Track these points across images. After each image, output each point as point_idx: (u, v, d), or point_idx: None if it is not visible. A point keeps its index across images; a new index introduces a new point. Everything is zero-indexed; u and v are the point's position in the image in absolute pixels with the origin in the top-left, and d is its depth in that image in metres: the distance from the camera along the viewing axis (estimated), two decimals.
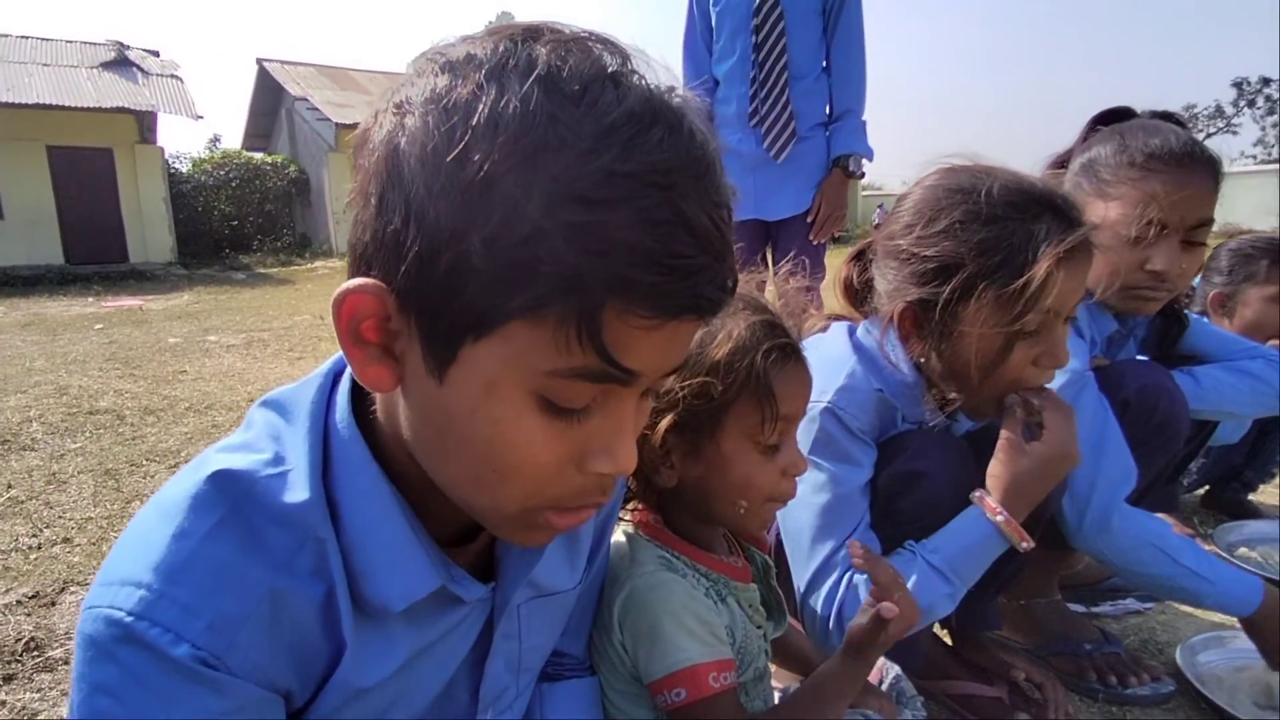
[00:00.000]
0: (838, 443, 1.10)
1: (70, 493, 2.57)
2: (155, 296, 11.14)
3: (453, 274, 0.48)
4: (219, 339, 6.36)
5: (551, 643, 0.87)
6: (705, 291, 0.50)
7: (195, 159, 21.25)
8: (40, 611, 1.76)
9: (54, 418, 3.59)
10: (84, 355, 5.57)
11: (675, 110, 0.50)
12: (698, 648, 0.87)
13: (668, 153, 0.47)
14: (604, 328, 0.48)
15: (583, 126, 0.46)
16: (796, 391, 0.91)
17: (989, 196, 1.03)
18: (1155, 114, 1.44)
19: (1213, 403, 1.51)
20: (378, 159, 0.51)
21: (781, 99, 2.47)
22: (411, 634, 0.67)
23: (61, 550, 2.10)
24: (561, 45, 0.49)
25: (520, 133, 0.46)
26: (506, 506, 0.58)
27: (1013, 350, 1.04)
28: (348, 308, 0.52)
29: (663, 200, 0.47)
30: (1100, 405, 1.28)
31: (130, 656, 0.54)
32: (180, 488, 0.59)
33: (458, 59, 0.50)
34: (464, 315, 0.49)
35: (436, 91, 0.49)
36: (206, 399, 3.97)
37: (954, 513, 1.10)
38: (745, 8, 2.44)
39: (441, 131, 0.47)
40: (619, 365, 0.50)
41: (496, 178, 0.46)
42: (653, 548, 0.95)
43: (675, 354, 0.55)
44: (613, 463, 0.56)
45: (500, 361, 0.50)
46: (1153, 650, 1.51)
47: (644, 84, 0.50)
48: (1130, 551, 1.24)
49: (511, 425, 0.53)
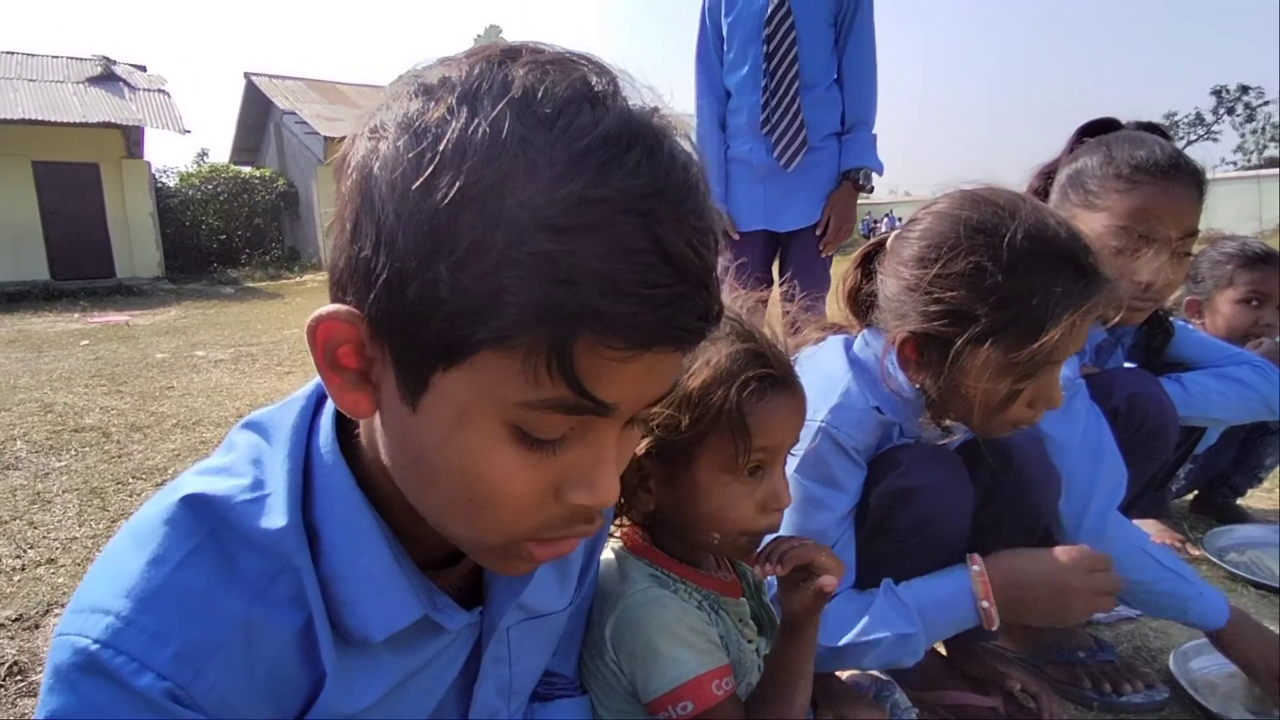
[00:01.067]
0: (826, 464, 1.09)
1: (55, 512, 2.53)
2: (142, 312, 11.06)
3: (421, 303, 0.47)
4: (207, 354, 6.32)
5: (543, 665, 0.86)
6: (682, 322, 0.48)
7: (183, 173, 21.18)
8: (24, 635, 1.73)
9: (38, 435, 3.55)
10: (69, 372, 5.52)
11: (656, 132, 0.48)
12: (697, 658, 0.87)
13: (644, 177, 0.46)
14: (576, 359, 0.46)
15: (555, 151, 0.45)
16: (778, 423, 0.88)
17: (1011, 244, 0.98)
18: (1140, 125, 1.45)
19: (1201, 409, 1.52)
20: (352, 184, 0.50)
21: (793, 108, 2.48)
22: (397, 660, 0.66)
23: (46, 571, 2.07)
24: (539, 67, 0.48)
25: (489, 158, 0.45)
26: (487, 538, 0.57)
27: (1015, 399, 1.03)
28: (321, 334, 0.52)
29: (637, 227, 0.45)
30: (1094, 411, 1.29)
31: (91, 687, 0.53)
32: (155, 512, 0.58)
33: (433, 82, 0.49)
34: (434, 344, 0.48)
35: (409, 115, 0.48)
36: (194, 415, 3.94)
37: (947, 528, 1.10)
38: (757, 17, 2.46)
39: (410, 157, 0.46)
40: (592, 397, 0.48)
41: (464, 204, 0.44)
42: (643, 565, 0.94)
43: (655, 385, 0.53)
44: (592, 495, 0.54)
45: (471, 391, 0.49)
46: (1146, 657, 1.51)
47: (624, 105, 0.48)
48: (1125, 559, 1.24)
49: (484, 456, 0.51)
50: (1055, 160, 1.50)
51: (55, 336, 8.11)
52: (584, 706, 0.93)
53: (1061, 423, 1.28)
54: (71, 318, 10.47)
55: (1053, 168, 1.49)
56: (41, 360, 6.22)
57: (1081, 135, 1.48)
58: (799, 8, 2.42)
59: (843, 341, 1.20)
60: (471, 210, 0.44)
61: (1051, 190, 1.45)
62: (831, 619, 1.06)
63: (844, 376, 1.12)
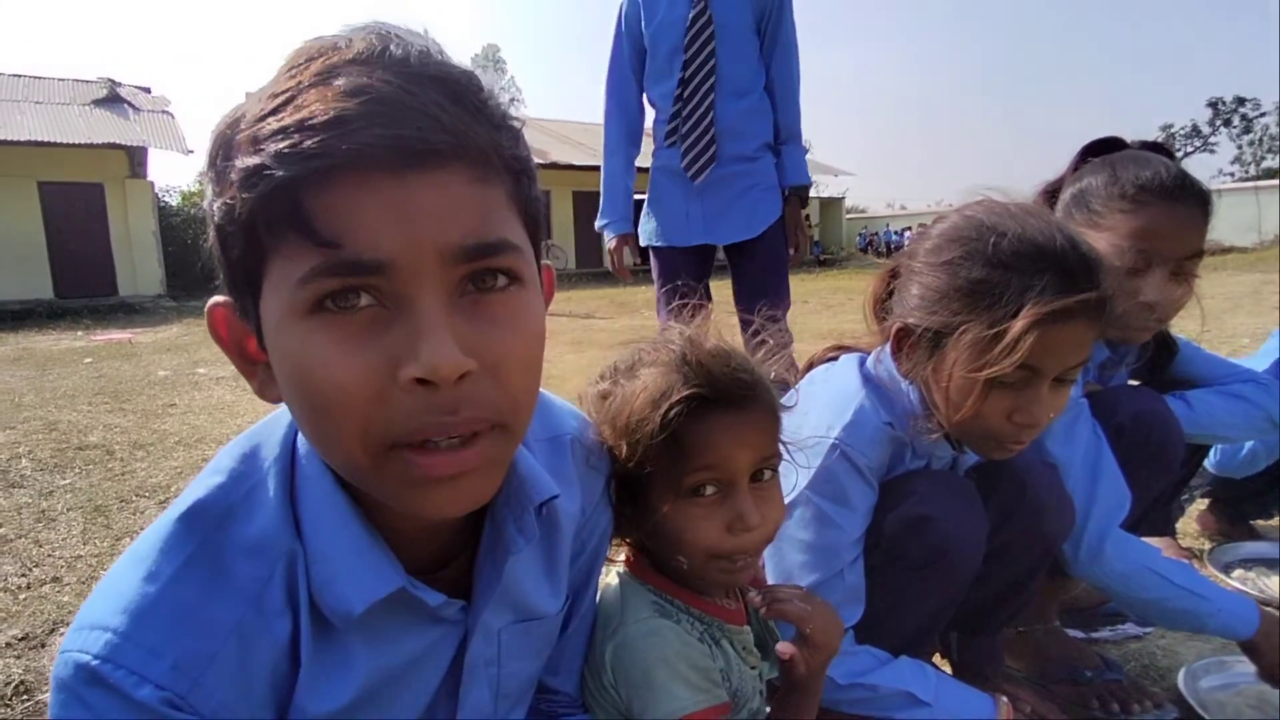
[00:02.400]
0: (837, 481, 1.08)
1: (60, 530, 2.54)
2: (144, 329, 11.09)
3: (225, 257, 0.56)
4: (208, 371, 6.32)
5: (534, 670, 0.86)
6: (361, 137, 0.49)
7: (185, 192, 21.36)
8: (30, 654, 1.73)
9: (43, 453, 3.56)
10: (73, 390, 5.53)
11: (378, 56, 0.54)
12: (691, 695, 0.86)
13: (345, 64, 0.53)
14: (305, 211, 0.50)
15: (263, 93, 0.54)
16: (718, 442, 0.86)
17: (998, 241, 1.00)
18: (1145, 145, 1.46)
19: (1206, 427, 1.52)
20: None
21: (705, 120, 2.39)
22: (372, 654, 0.66)
23: (51, 590, 2.07)
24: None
25: (230, 122, 0.55)
26: (352, 451, 0.55)
27: (986, 399, 1.00)
28: (220, 325, 0.61)
29: (319, 87, 0.51)
30: (1095, 432, 1.29)
31: (97, 699, 0.56)
32: (152, 530, 0.62)
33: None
34: (245, 281, 0.56)
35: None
36: (196, 432, 3.94)
37: (960, 558, 1.09)
38: (679, 26, 2.36)
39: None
40: (327, 239, 0.50)
41: (213, 158, 0.55)
42: (646, 592, 0.94)
43: (423, 223, 0.52)
44: (419, 363, 0.52)
45: (273, 301, 0.54)
46: (1154, 675, 1.50)
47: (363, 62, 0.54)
48: (1129, 578, 1.24)
49: (303, 351, 0.53)
50: (1059, 179, 1.50)
51: (59, 354, 8.13)
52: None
53: (1063, 444, 1.29)
54: (75, 335, 10.50)
55: (1056, 186, 1.49)
56: (46, 378, 6.23)
57: (1086, 154, 1.48)
58: (720, 16, 2.34)
59: (856, 358, 1.20)
60: (218, 167, 0.54)
61: (1056, 209, 1.46)
62: (848, 661, 1.07)
63: (857, 393, 1.12)
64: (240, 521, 0.62)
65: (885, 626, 1.12)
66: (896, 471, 1.15)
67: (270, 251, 0.53)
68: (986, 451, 1.09)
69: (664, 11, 2.41)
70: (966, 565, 1.11)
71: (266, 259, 0.53)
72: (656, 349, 0.91)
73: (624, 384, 0.90)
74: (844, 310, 8.81)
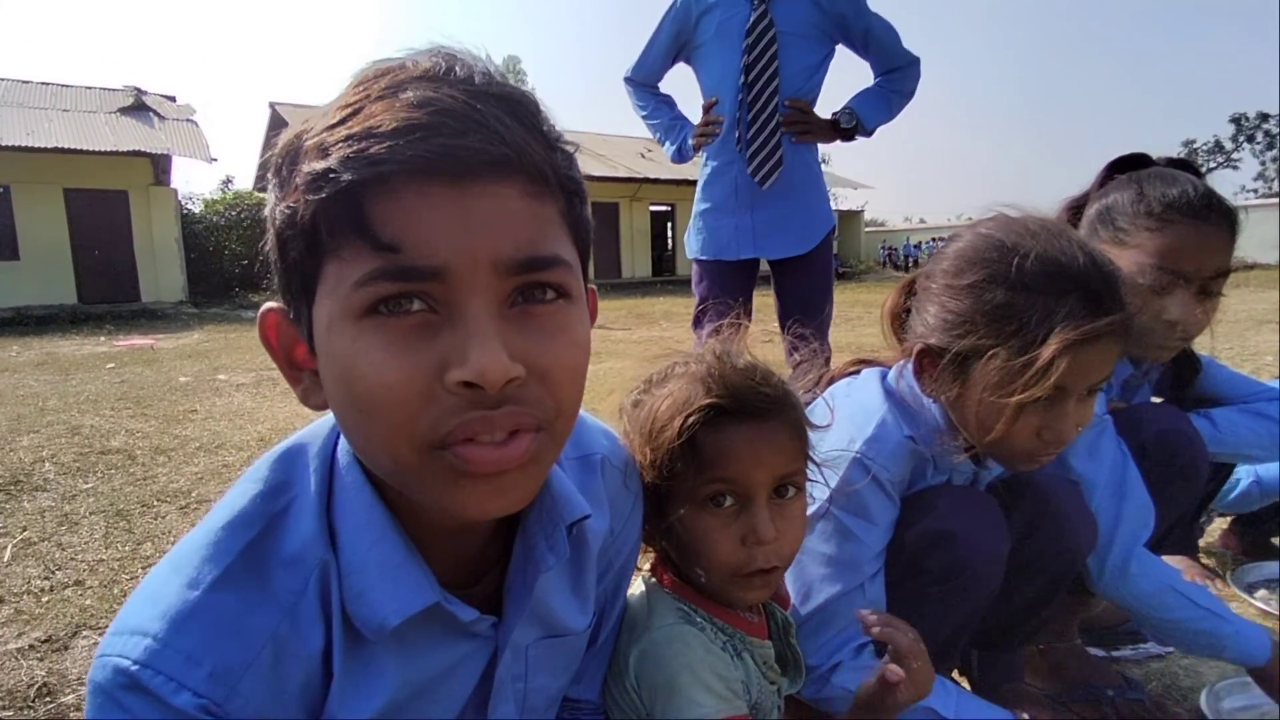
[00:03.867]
0: (859, 495, 1.08)
1: (82, 534, 2.57)
2: (166, 335, 11.23)
3: (283, 260, 0.57)
4: (229, 378, 6.40)
5: (560, 686, 0.87)
6: (427, 146, 0.51)
7: (207, 200, 21.64)
8: (53, 656, 1.75)
9: (66, 458, 3.61)
10: (96, 395, 5.60)
11: (444, 74, 0.56)
12: (714, 703, 0.86)
13: (413, 78, 0.55)
14: (368, 214, 0.52)
15: (334, 104, 0.55)
16: (737, 454, 0.86)
17: (1021, 263, 1.00)
18: (1171, 162, 1.45)
19: (1230, 445, 1.50)
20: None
21: (770, 125, 2.34)
22: (403, 665, 0.67)
23: (73, 593, 2.10)
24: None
25: (298, 131, 0.57)
26: (400, 452, 0.56)
27: (1017, 419, 1.00)
28: (271, 332, 0.62)
29: (387, 99, 0.53)
30: (1120, 450, 1.28)
31: (135, 703, 0.56)
32: (194, 536, 0.63)
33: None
34: (299, 287, 0.57)
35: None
36: (217, 438, 3.98)
37: (981, 574, 1.09)
38: (739, 29, 2.32)
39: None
40: (387, 244, 0.52)
41: (284, 177, 0.56)
42: (671, 600, 0.94)
43: (483, 233, 0.53)
44: (467, 367, 0.52)
45: (326, 304, 0.55)
46: (1176, 695, 1.48)
47: (429, 79, 0.56)
48: (1153, 597, 1.23)
49: (352, 353, 0.54)
50: (1084, 194, 1.49)
51: (82, 359, 8.25)
52: None
53: (1088, 461, 1.28)
54: (98, 341, 10.64)
55: (1081, 201, 1.48)
56: (69, 383, 6.32)
57: (1112, 170, 1.47)
58: (782, 22, 2.30)
59: (878, 373, 1.21)
60: (284, 172, 0.57)
61: (1080, 225, 1.45)
62: (868, 675, 1.06)
63: (879, 408, 1.12)
64: (280, 533, 0.63)
65: None
66: (918, 486, 1.15)
67: (329, 255, 0.54)
68: (1015, 465, 1.10)
69: (721, 13, 2.36)
70: (987, 581, 1.11)
71: (324, 262, 0.54)
72: (688, 362, 0.93)
73: (654, 393, 0.92)
74: (863, 324, 8.77)
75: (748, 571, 0.88)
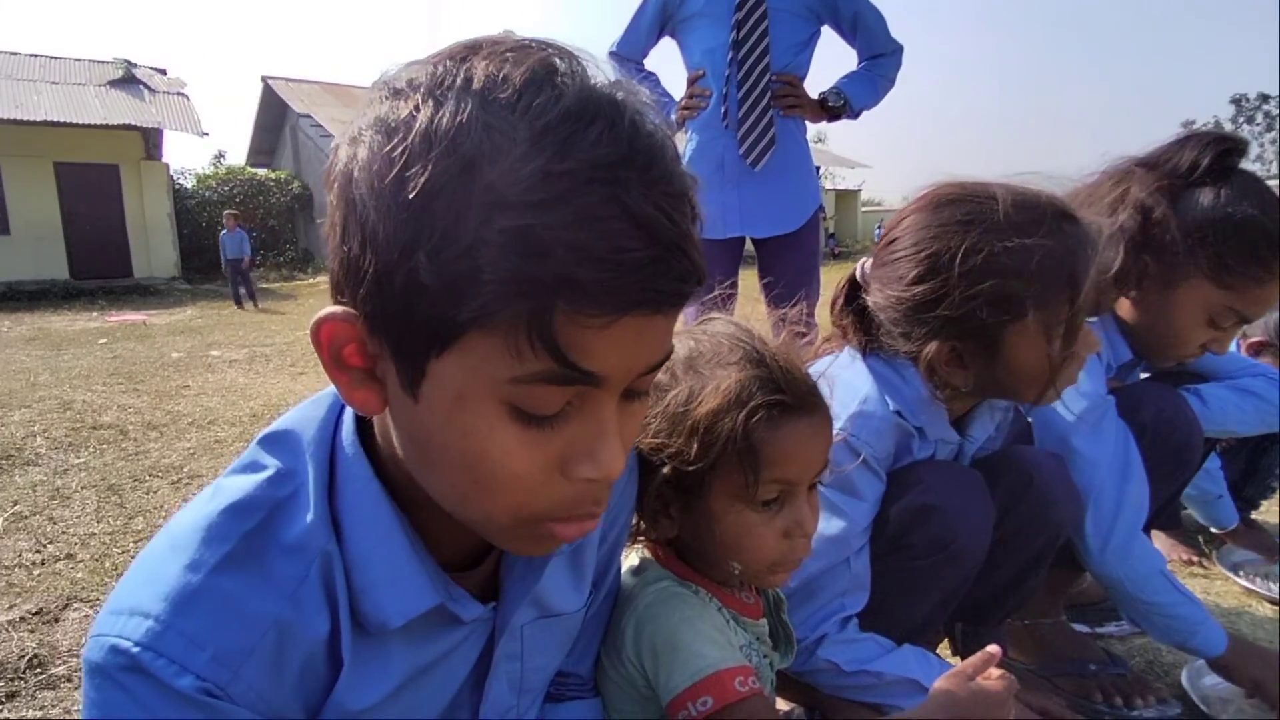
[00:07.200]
0: (845, 472, 1.09)
1: (74, 508, 2.57)
2: (159, 311, 11.18)
3: (406, 292, 0.48)
4: (221, 354, 6.39)
5: (555, 665, 0.87)
6: (658, 285, 0.49)
7: (200, 175, 21.43)
8: (43, 628, 1.76)
9: (58, 433, 3.60)
10: (88, 370, 5.59)
11: (617, 104, 0.49)
12: (718, 652, 0.85)
13: (607, 147, 0.47)
14: (556, 330, 0.47)
15: (517, 131, 0.46)
16: (794, 453, 0.86)
17: (1007, 218, 1.01)
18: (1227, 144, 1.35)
19: (1219, 423, 1.51)
20: (337, 189, 0.52)
21: (761, 103, 2.30)
22: (409, 654, 0.67)
23: (65, 566, 2.10)
24: (498, 56, 0.49)
25: (455, 145, 0.46)
26: (498, 518, 0.57)
27: (1070, 356, 1.05)
28: (325, 335, 0.54)
29: (604, 196, 0.46)
30: (1123, 430, 1.29)
31: (136, 685, 0.55)
32: (193, 517, 0.61)
33: (401, 85, 0.51)
34: (424, 331, 0.50)
35: (380, 117, 0.50)
36: (209, 414, 3.98)
37: (966, 547, 1.09)
38: (727, 7, 2.28)
39: (383, 154, 0.48)
40: (577, 367, 0.49)
41: (435, 192, 0.46)
42: (664, 572, 0.94)
43: (644, 352, 0.53)
44: (596, 467, 0.54)
45: (464, 373, 0.50)
46: (1158, 671, 1.50)
47: (583, 83, 0.50)
48: (1145, 579, 1.25)
49: (484, 436, 0.52)
50: (1155, 153, 1.39)
51: (74, 335, 8.22)
52: (595, 708, 0.94)
53: (1092, 440, 1.28)
54: (90, 316, 10.60)
55: (1174, 170, 1.35)
56: (61, 358, 6.30)
57: (1197, 144, 1.35)
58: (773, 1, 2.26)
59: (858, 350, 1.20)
60: (443, 197, 0.46)
61: (1185, 207, 1.33)
62: (852, 648, 1.08)
63: (865, 384, 1.12)
64: (284, 520, 0.61)
65: (890, 615, 1.12)
66: (903, 461, 1.15)
67: (493, 327, 0.48)
68: (1048, 400, 1.12)
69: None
70: (972, 555, 1.11)
71: (485, 329, 0.48)
72: (717, 343, 0.90)
73: (686, 379, 0.88)
74: None
75: (786, 562, 0.89)
